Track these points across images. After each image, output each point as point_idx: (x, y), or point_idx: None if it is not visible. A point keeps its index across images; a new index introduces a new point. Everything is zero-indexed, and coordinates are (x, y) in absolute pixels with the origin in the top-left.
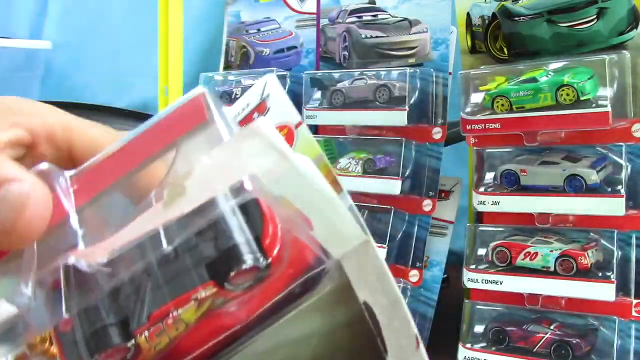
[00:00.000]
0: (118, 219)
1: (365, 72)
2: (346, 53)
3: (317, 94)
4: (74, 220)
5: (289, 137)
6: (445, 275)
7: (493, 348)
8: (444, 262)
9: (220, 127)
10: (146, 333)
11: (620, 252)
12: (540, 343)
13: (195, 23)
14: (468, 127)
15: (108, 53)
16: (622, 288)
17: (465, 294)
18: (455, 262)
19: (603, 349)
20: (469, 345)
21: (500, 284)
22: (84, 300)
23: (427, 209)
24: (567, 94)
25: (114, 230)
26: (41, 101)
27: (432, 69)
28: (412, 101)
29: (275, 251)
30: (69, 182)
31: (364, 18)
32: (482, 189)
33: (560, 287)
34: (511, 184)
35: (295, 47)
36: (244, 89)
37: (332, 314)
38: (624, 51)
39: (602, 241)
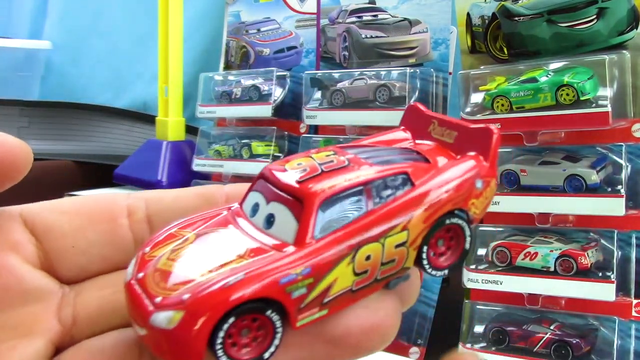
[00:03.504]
0: None
1: (365, 72)
2: (346, 53)
3: (317, 94)
4: None
5: None
6: (445, 275)
7: (493, 348)
8: None
9: None
10: None
11: (620, 252)
12: (540, 343)
13: (195, 23)
14: None
15: (108, 53)
16: (622, 288)
17: (465, 294)
18: None
19: (603, 349)
20: (469, 345)
21: (500, 284)
22: None
23: None
24: (567, 94)
25: None
26: (41, 101)
27: (432, 69)
28: (412, 101)
29: None
30: None
31: (364, 18)
32: None
33: (560, 287)
34: (511, 184)
35: (295, 47)
36: (244, 89)
37: None
38: (624, 51)
39: (602, 241)
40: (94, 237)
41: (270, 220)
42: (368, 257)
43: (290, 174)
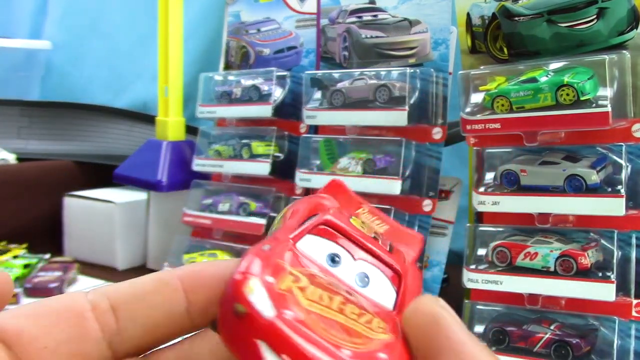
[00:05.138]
0: None
1: (365, 72)
2: (346, 53)
3: (317, 94)
4: None
5: None
6: (445, 275)
7: (493, 348)
8: (444, 262)
9: None
10: None
11: (620, 252)
12: (540, 343)
13: (195, 23)
14: (468, 127)
15: (108, 53)
16: (622, 288)
17: (465, 294)
18: (455, 262)
19: (603, 349)
20: None
21: (500, 284)
22: None
23: (427, 209)
24: (567, 94)
25: None
26: (41, 101)
27: (432, 69)
28: (412, 101)
29: None
30: None
31: (364, 18)
32: (482, 189)
33: (560, 287)
34: (511, 184)
35: (295, 47)
36: (244, 89)
37: None
38: (624, 51)
39: (602, 241)
40: (63, 335)
41: (365, 280)
42: None
43: (372, 239)
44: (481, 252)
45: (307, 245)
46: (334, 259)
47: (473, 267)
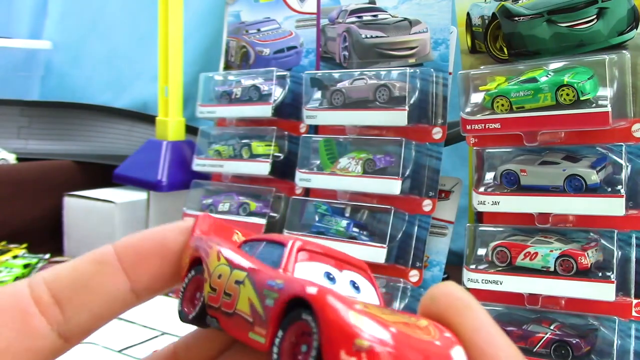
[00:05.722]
0: None
1: (365, 72)
2: (346, 53)
3: (317, 94)
4: None
5: None
6: (445, 275)
7: None
8: (444, 262)
9: None
10: None
11: (620, 252)
12: (540, 343)
13: (195, 23)
14: (468, 127)
15: (108, 53)
16: (622, 288)
17: None
18: (455, 262)
19: (603, 349)
20: None
21: (500, 284)
22: None
23: (427, 209)
24: (567, 94)
25: None
26: (41, 101)
27: (432, 69)
28: (412, 101)
29: None
30: None
31: (364, 18)
32: (482, 189)
33: (560, 287)
34: (511, 184)
35: (295, 47)
36: (244, 89)
37: None
38: (624, 51)
39: (602, 241)
40: (11, 334)
41: (356, 286)
42: None
43: (331, 249)
44: (481, 252)
45: (302, 274)
46: (329, 277)
47: (473, 267)
